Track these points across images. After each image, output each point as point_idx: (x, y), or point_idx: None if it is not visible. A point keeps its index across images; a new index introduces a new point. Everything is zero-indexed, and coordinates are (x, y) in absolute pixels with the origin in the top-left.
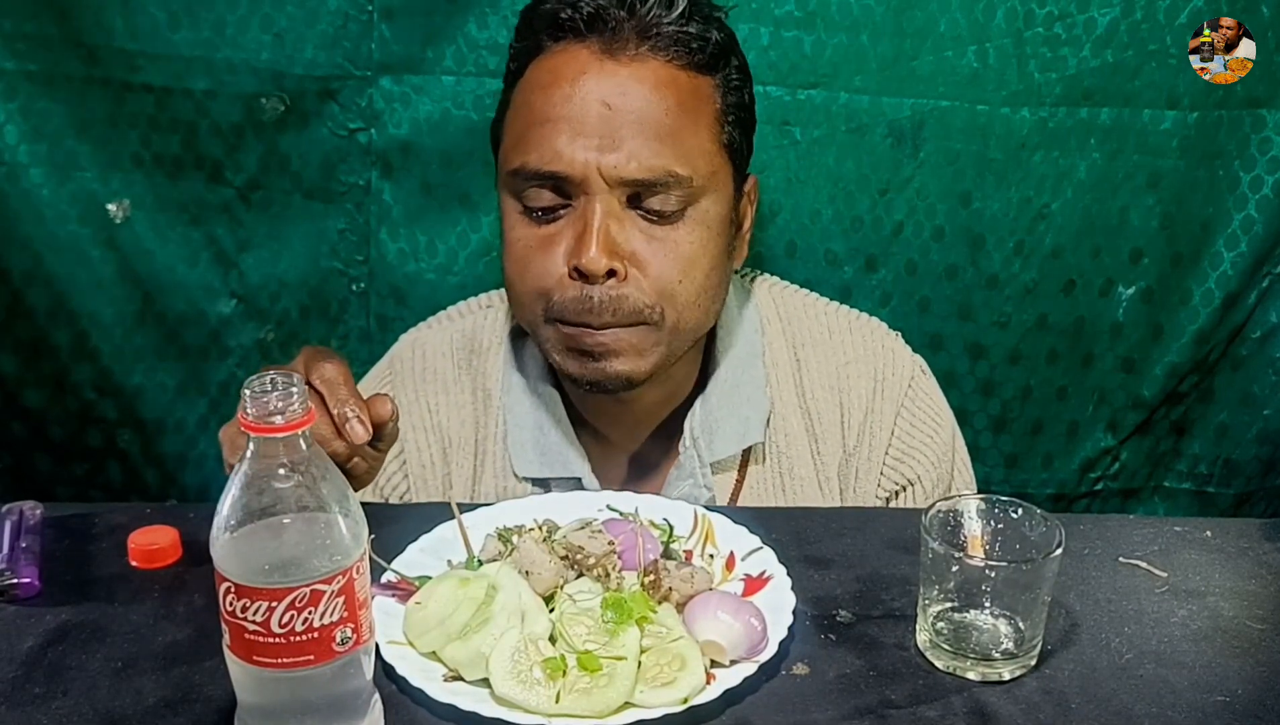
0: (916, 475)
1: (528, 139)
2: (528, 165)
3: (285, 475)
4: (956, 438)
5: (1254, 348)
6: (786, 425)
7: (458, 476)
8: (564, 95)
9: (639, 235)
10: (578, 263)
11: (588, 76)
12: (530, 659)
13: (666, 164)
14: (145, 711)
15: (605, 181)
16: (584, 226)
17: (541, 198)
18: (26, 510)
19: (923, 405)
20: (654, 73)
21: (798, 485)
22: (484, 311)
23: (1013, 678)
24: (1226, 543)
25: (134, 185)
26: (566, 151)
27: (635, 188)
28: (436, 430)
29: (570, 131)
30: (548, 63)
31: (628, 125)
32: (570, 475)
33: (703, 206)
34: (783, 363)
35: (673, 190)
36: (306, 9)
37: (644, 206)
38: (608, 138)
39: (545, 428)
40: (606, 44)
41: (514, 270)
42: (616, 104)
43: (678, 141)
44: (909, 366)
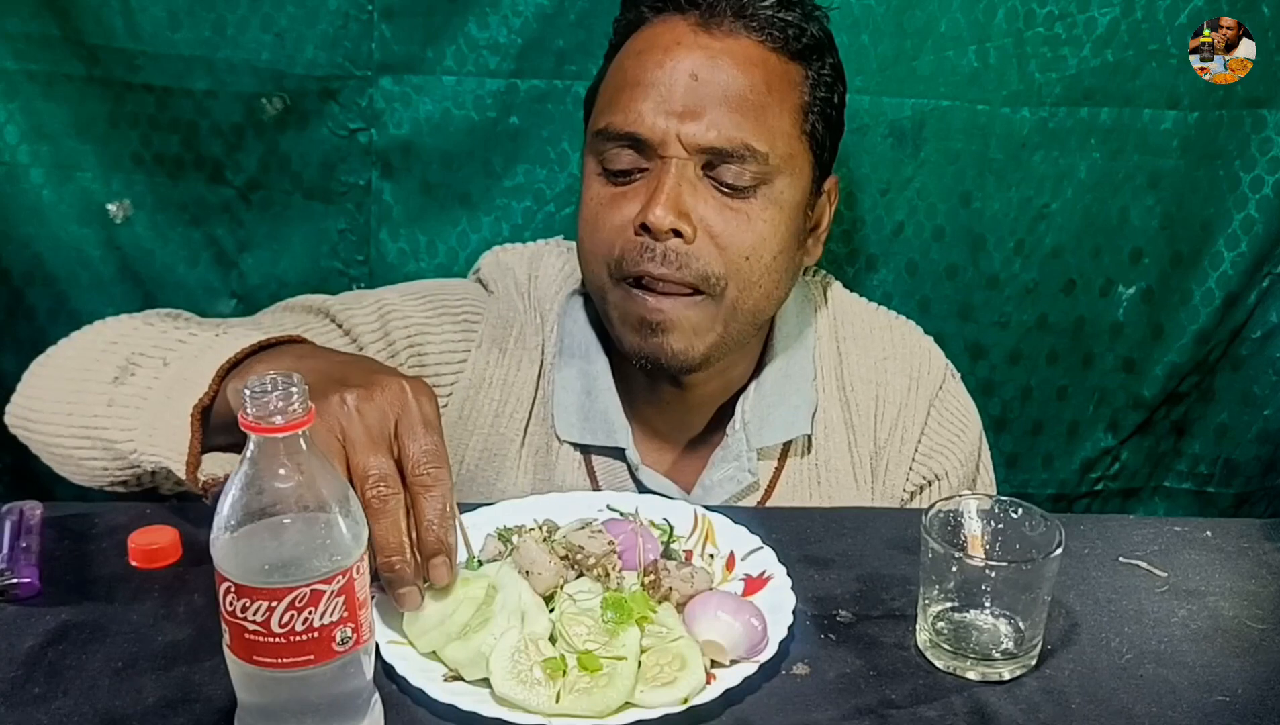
0: (945, 470)
1: (616, 101)
2: (611, 126)
3: (285, 475)
4: (983, 442)
5: (1254, 348)
6: (828, 418)
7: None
8: (656, 62)
9: (712, 203)
10: (645, 218)
11: (681, 47)
12: (530, 659)
13: (744, 136)
14: (145, 711)
15: (683, 147)
16: (657, 185)
17: (620, 160)
18: (26, 510)
19: (952, 406)
20: (745, 50)
21: (834, 477)
22: (566, 255)
23: (1013, 678)
24: (1226, 543)
25: (134, 185)
26: (648, 116)
27: (711, 156)
28: (509, 355)
29: (656, 97)
30: (646, 33)
31: (711, 96)
32: (614, 445)
33: (777, 187)
34: (828, 356)
35: (748, 164)
36: (306, 9)
37: (718, 177)
38: (690, 106)
39: (593, 394)
40: (704, 18)
41: (585, 229)
42: (704, 75)
43: (759, 118)
44: (942, 367)
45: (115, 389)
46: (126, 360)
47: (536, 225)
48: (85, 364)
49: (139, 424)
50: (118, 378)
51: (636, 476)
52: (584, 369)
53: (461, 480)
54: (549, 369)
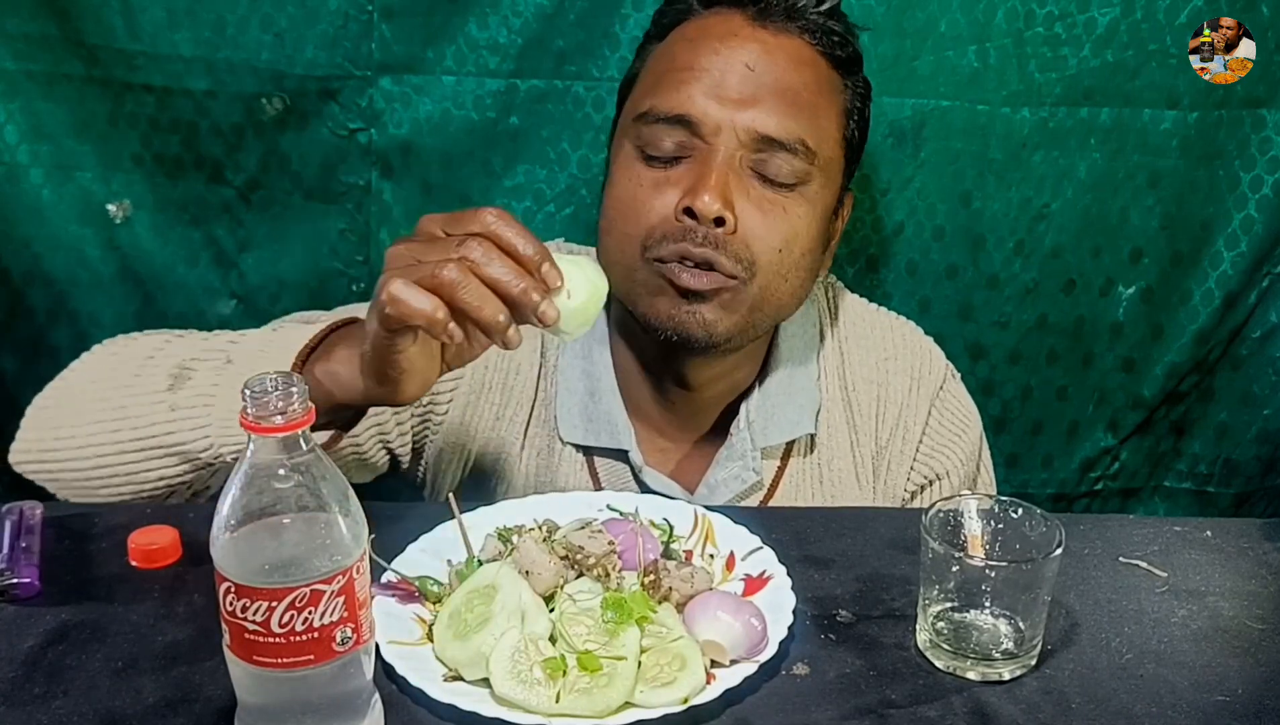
0: (945, 470)
1: (664, 83)
2: (657, 107)
3: (285, 475)
4: (983, 442)
5: (1254, 347)
6: (830, 417)
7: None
8: (710, 49)
9: (753, 194)
10: (691, 202)
11: (737, 39)
12: (530, 659)
13: (800, 130)
14: (145, 711)
15: (736, 134)
16: (704, 170)
17: (665, 143)
18: (26, 510)
19: (953, 405)
20: (799, 48)
21: (836, 476)
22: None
23: (1013, 678)
24: (1226, 543)
25: (134, 185)
26: (700, 100)
27: (762, 147)
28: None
29: (709, 82)
30: (696, 23)
31: (766, 87)
32: (617, 446)
33: (814, 187)
34: (830, 357)
35: (798, 158)
36: (306, 9)
37: (762, 170)
38: (745, 95)
39: (596, 395)
40: (759, 13)
41: (618, 208)
42: (760, 67)
43: (813, 115)
44: (943, 368)
45: (174, 395)
46: (178, 367)
47: (536, 225)
48: (122, 381)
49: (213, 420)
50: (173, 386)
51: (640, 477)
52: (587, 370)
53: (464, 483)
54: (550, 371)
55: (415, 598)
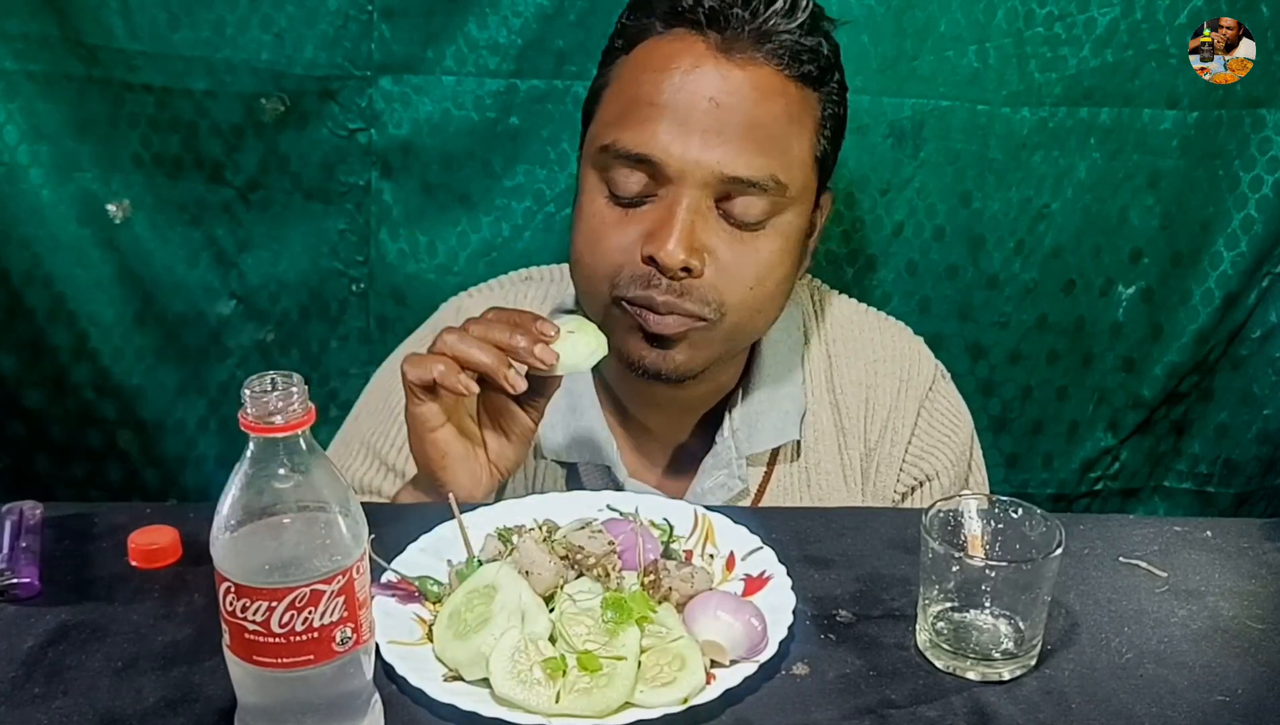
0: (935, 471)
1: (628, 118)
2: (621, 143)
3: (285, 475)
4: (974, 441)
5: (1254, 347)
6: (817, 421)
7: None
8: (673, 84)
9: (722, 235)
10: (655, 252)
11: (701, 71)
12: (530, 659)
13: (769, 167)
14: (145, 711)
15: (701, 176)
16: (668, 216)
17: (629, 183)
18: (26, 510)
19: (943, 406)
20: (766, 79)
21: (824, 479)
22: (524, 284)
23: (1013, 678)
24: (1226, 543)
25: (134, 185)
26: (664, 139)
27: (729, 187)
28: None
29: (673, 120)
30: (660, 46)
31: (733, 125)
32: (599, 461)
33: (786, 218)
34: (817, 360)
35: (766, 195)
36: (306, 9)
37: (729, 210)
38: (711, 133)
39: (578, 411)
40: (724, 42)
41: (585, 245)
42: (726, 102)
43: (782, 149)
44: (931, 369)
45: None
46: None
47: (536, 225)
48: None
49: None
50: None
51: (624, 490)
52: (568, 386)
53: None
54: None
55: (415, 598)
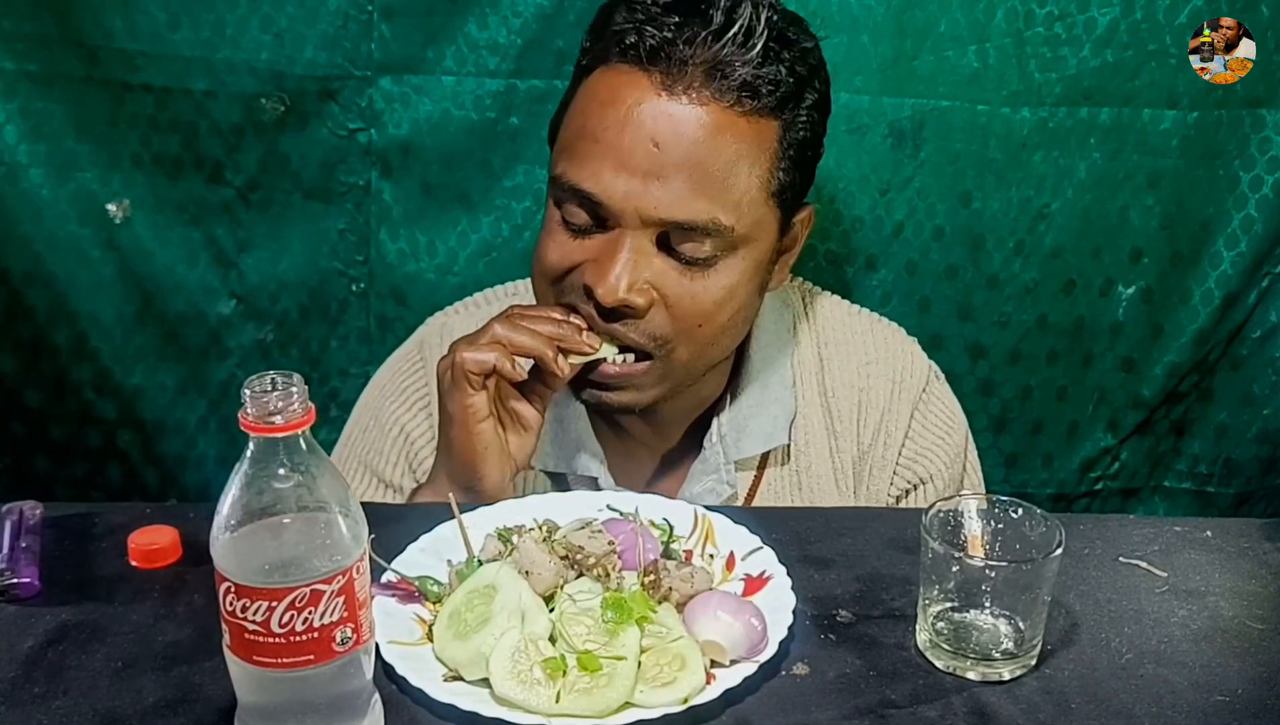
0: (929, 474)
1: (575, 151)
2: (567, 177)
3: (285, 475)
4: (969, 442)
5: (1254, 347)
6: (808, 424)
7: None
8: (616, 121)
9: (669, 272)
10: (593, 286)
11: (643, 108)
12: (530, 659)
13: (711, 210)
14: (145, 711)
15: (641, 218)
16: (610, 254)
17: (578, 216)
18: (26, 510)
19: (937, 407)
20: (713, 117)
21: (815, 483)
22: (509, 299)
23: (1013, 678)
24: (1226, 543)
25: (134, 185)
26: (607, 179)
27: (669, 228)
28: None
29: (615, 160)
30: (610, 78)
31: (674, 166)
32: (586, 472)
33: (739, 255)
34: (808, 363)
35: (710, 237)
36: (306, 9)
37: (676, 249)
38: (652, 175)
39: (564, 422)
40: (669, 79)
41: (539, 265)
42: (666, 143)
43: (725, 190)
44: (925, 370)
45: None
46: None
47: (536, 225)
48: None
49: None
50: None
51: None
52: (554, 398)
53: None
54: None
55: (415, 598)
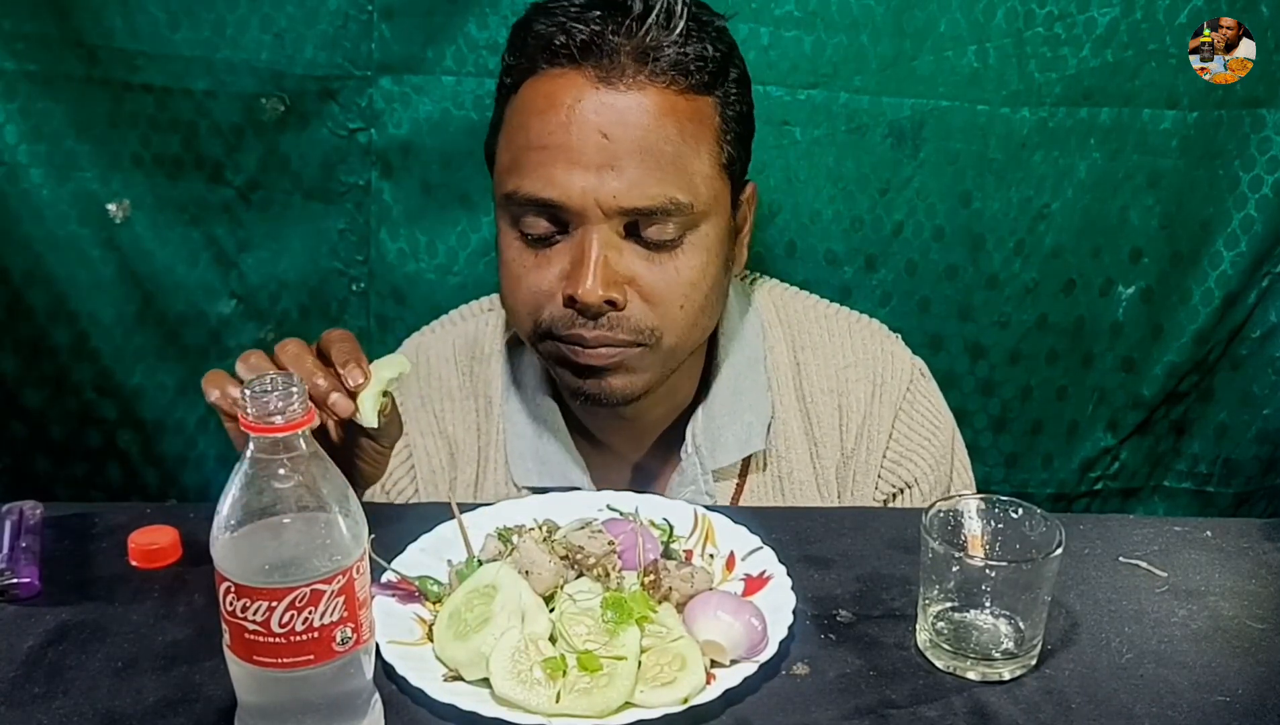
0: (914, 478)
1: (522, 164)
2: (521, 190)
3: (285, 475)
4: (956, 440)
5: (1254, 347)
6: (787, 430)
7: (461, 482)
8: (560, 123)
9: (639, 261)
10: (573, 293)
11: (584, 104)
12: (530, 659)
13: (668, 191)
14: (145, 711)
15: (603, 211)
16: (580, 256)
17: (538, 226)
18: (26, 510)
19: (921, 408)
20: (653, 100)
21: (797, 489)
22: (485, 315)
23: (1013, 678)
24: (1226, 543)
25: (134, 185)
26: (562, 180)
27: (634, 217)
28: (443, 436)
29: (567, 160)
30: (542, 86)
31: (626, 154)
32: (569, 484)
33: (702, 231)
34: (783, 367)
35: (672, 218)
36: (306, 9)
37: (642, 236)
38: (606, 167)
39: (544, 437)
40: (603, 71)
41: (507, 288)
42: (614, 133)
43: (679, 169)
44: (908, 369)
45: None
46: None
47: None
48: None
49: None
50: None
51: None
52: (533, 413)
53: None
54: (499, 419)
55: (415, 598)
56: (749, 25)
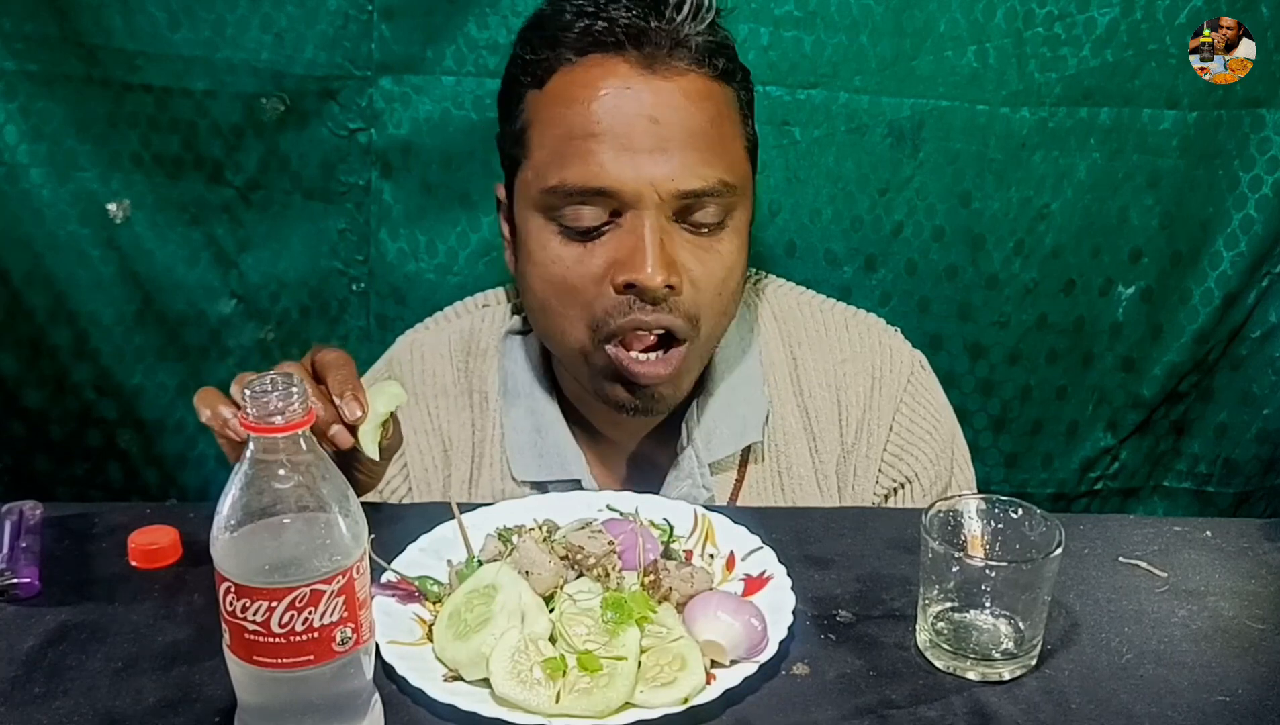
0: (914, 472)
1: (567, 154)
2: (569, 181)
3: (285, 475)
4: (956, 435)
5: (1254, 347)
6: (785, 424)
7: (456, 479)
8: (607, 109)
9: (687, 247)
10: (634, 278)
11: (632, 91)
12: (530, 659)
13: (717, 173)
14: (145, 711)
15: (659, 195)
16: (637, 242)
17: (583, 216)
18: (26, 510)
19: (921, 402)
20: (694, 85)
21: (796, 483)
22: (480, 311)
23: (1013, 678)
24: (1226, 543)
25: (134, 185)
26: (614, 167)
27: (687, 200)
28: (437, 433)
29: (617, 146)
30: (579, 75)
31: (676, 138)
32: (569, 477)
33: (738, 214)
34: (779, 361)
35: (719, 200)
36: (306, 9)
37: (691, 220)
38: (658, 151)
39: (543, 430)
40: (646, 57)
41: (549, 290)
42: (664, 117)
43: (723, 151)
44: (907, 363)
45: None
46: None
47: None
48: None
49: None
50: None
51: None
52: (531, 407)
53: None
54: (495, 414)
55: (415, 598)
56: (749, 25)
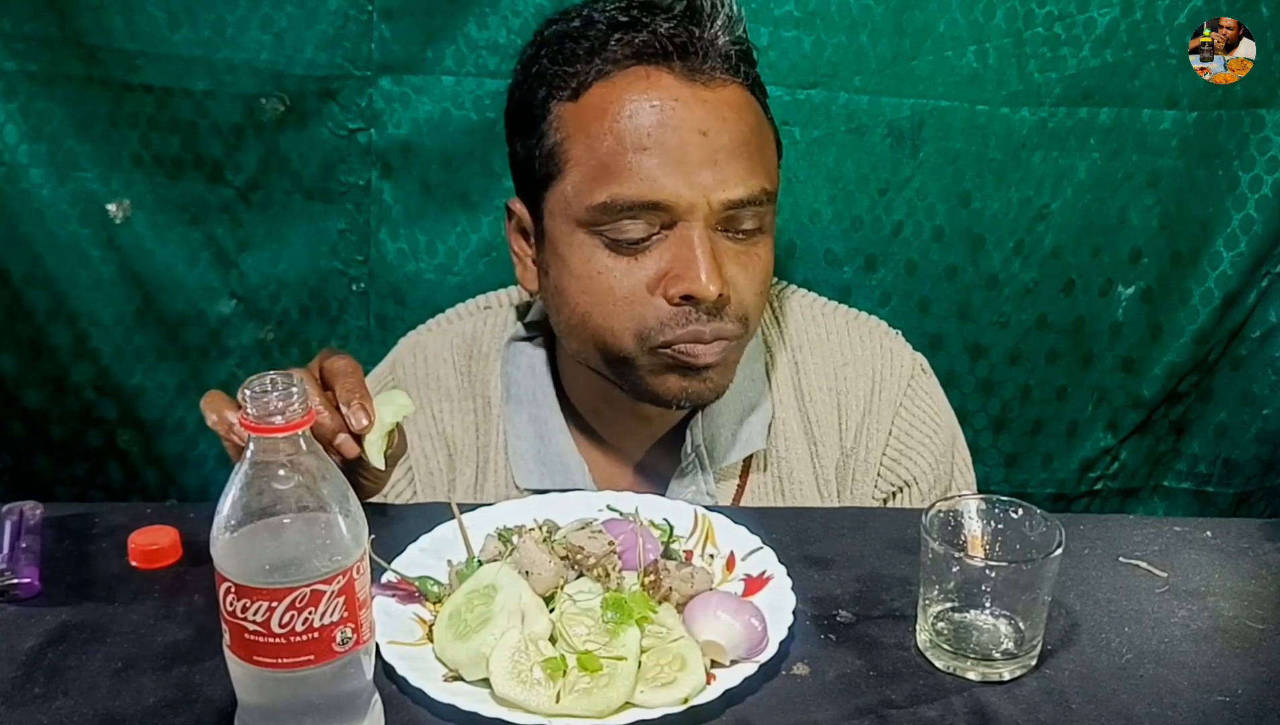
0: (913, 476)
1: (616, 169)
2: (621, 197)
3: (285, 475)
4: (957, 438)
5: (1254, 347)
6: (786, 429)
7: (461, 484)
8: (656, 122)
9: (730, 255)
10: (690, 290)
11: (681, 103)
12: (530, 659)
13: (760, 182)
14: (145, 711)
15: (710, 206)
16: (689, 253)
17: (632, 229)
18: (26, 510)
19: (922, 406)
20: (735, 96)
21: (797, 489)
22: (483, 313)
23: (1013, 678)
24: (1226, 543)
25: (134, 185)
26: (667, 181)
27: (734, 209)
28: (441, 437)
29: (670, 160)
30: (621, 88)
31: (724, 149)
32: (571, 487)
33: (769, 219)
34: (782, 366)
35: (760, 207)
36: (306, 9)
37: (735, 228)
38: (709, 163)
39: (546, 438)
40: (691, 69)
41: (593, 304)
42: (713, 130)
43: (763, 159)
44: (908, 366)
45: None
46: None
47: None
48: None
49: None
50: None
51: None
52: (534, 414)
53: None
54: (498, 420)
55: (415, 598)
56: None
